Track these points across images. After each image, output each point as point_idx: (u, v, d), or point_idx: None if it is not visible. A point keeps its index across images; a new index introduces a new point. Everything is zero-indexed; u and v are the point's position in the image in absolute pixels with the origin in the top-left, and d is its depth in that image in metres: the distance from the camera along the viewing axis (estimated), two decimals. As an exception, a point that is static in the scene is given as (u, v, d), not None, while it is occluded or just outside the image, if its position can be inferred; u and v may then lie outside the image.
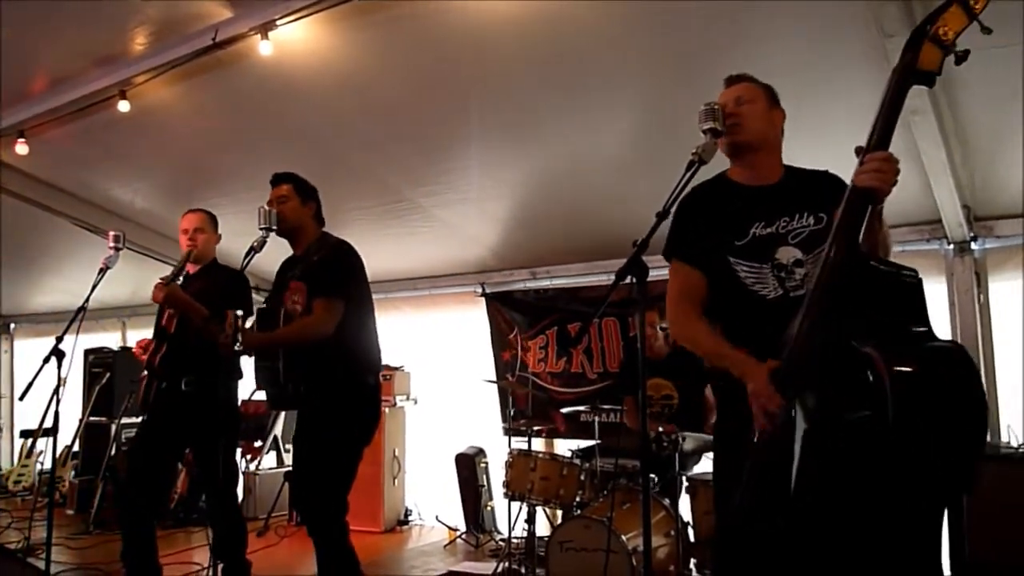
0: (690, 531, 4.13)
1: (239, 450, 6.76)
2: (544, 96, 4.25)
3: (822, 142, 2.38)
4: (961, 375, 1.69)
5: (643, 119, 4.32)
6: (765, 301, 2.17)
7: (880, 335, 1.72)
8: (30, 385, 3.61)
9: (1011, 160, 3.92)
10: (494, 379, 6.13)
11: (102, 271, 3.75)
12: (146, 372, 3.88)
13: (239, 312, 3.21)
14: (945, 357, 1.75)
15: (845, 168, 2.40)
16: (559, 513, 4.93)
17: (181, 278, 3.83)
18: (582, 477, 4.38)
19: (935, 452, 1.65)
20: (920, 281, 1.83)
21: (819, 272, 1.87)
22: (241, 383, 4.05)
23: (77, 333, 3.65)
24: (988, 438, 3.98)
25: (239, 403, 4.07)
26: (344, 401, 3.29)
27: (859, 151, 1.87)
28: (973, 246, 4.51)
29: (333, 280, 3.31)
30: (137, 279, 7.15)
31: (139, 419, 4.50)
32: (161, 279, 3.71)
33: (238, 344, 3.15)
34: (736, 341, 2.13)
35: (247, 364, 3.92)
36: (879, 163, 1.83)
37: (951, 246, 4.54)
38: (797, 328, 1.87)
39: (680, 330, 2.36)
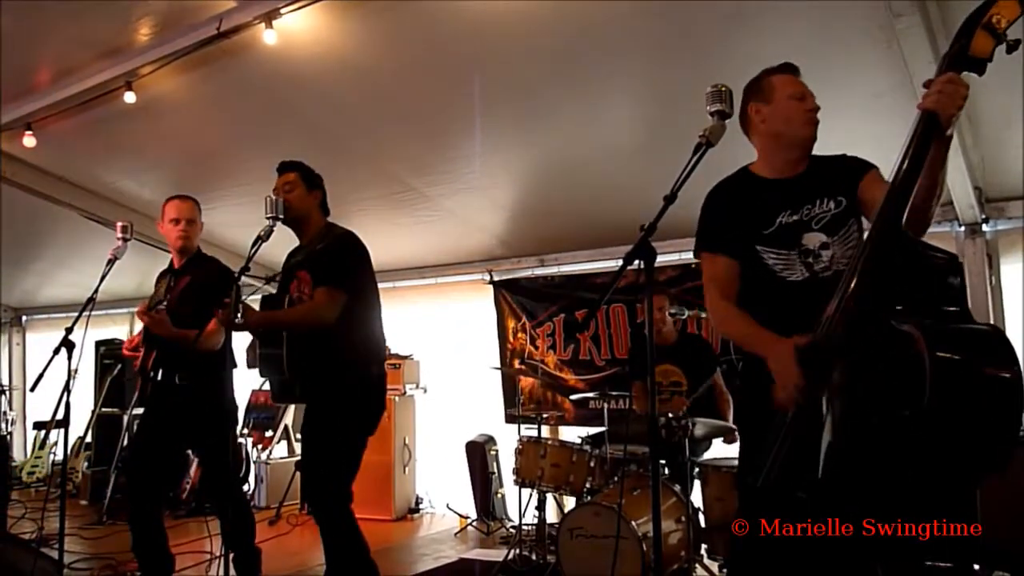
0: (701, 517, 4.12)
1: (250, 440, 6.82)
2: (549, 83, 4.22)
3: (830, 124, 2.36)
4: (1000, 357, 1.70)
5: (649, 103, 4.30)
6: (793, 284, 2.23)
7: (919, 314, 1.74)
8: (40, 376, 3.61)
9: (1021, 142, 3.88)
10: (505, 369, 6.15)
11: (111, 262, 3.74)
12: (140, 375, 3.90)
13: (238, 285, 3.20)
14: (984, 338, 1.77)
15: (854, 152, 2.40)
16: (570, 500, 4.94)
17: (165, 301, 3.81)
18: (592, 464, 4.38)
19: (971, 431, 1.67)
20: (960, 265, 1.86)
21: (880, 209, 1.90)
22: (236, 373, 4.03)
23: (87, 325, 3.65)
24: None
25: (235, 395, 4.03)
26: (348, 391, 3.28)
27: (927, 84, 1.90)
28: (984, 228, 4.47)
29: (336, 270, 3.30)
30: (145, 270, 7.16)
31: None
32: (148, 308, 3.73)
33: (239, 317, 3.13)
34: (765, 324, 2.19)
35: (241, 355, 3.95)
36: (941, 85, 1.84)
37: (962, 228, 4.51)
38: (838, 297, 1.91)
39: (716, 318, 2.46)
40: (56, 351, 3.60)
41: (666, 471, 4.23)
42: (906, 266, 1.84)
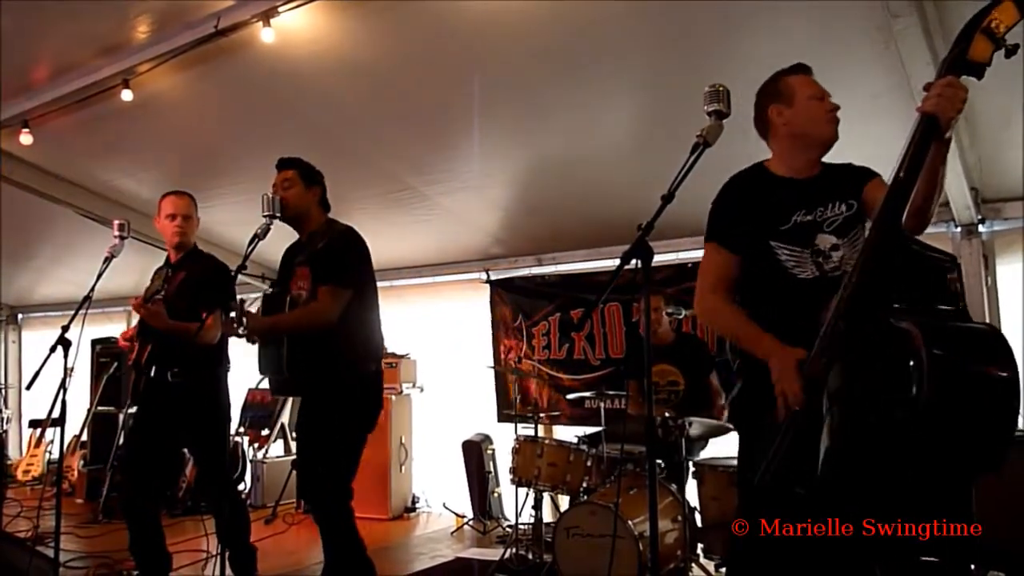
0: (697, 516, 4.13)
1: (246, 438, 6.81)
2: (546, 83, 4.22)
3: (828, 125, 2.37)
4: (997, 355, 1.71)
5: (646, 103, 4.30)
6: (803, 282, 2.25)
7: (917, 312, 1.75)
8: (36, 374, 3.61)
9: (1018, 142, 3.88)
10: (498, 367, 6.15)
11: (107, 260, 3.73)
12: (134, 370, 3.90)
13: (241, 297, 3.22)
14: (982, 337, 1.79)
15: (851, 153, 2.41)
16: (566, 499, 4.94)
17: (162, 293, 3.83)
18: (588, 463, 4.39)
19: (967, 429, 1.68)
20: (958, 266, 1.91)
21: (879, 211, 1.92)
22: (231, 373, 4.03)
23: (83, 323, 3.65)
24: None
25: (228, 393, 4.03)
26: (346, 388, 3.28)
27: (927, 87, 1.92)
28: (980, 228, 4.48)
29: (338, 268, 3.29)
30: (142, 269, 7.12)
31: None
32: (142, 299, 3.75)
33: (243, 328, 3.15)
34: (774, 320, 2.20)
35: (237, 354, 3.94)
36: (941, 88, 1.87)
37: (958, 229, 4.51)
38: (838, 297, 1.92)
39: (703, 308, 2.46)
40: (52, 349, 3.59)
41: (663, 470, 4.23)
42: (904, 265, 1.85)
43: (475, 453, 6.01)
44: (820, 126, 2.33)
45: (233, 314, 3.14)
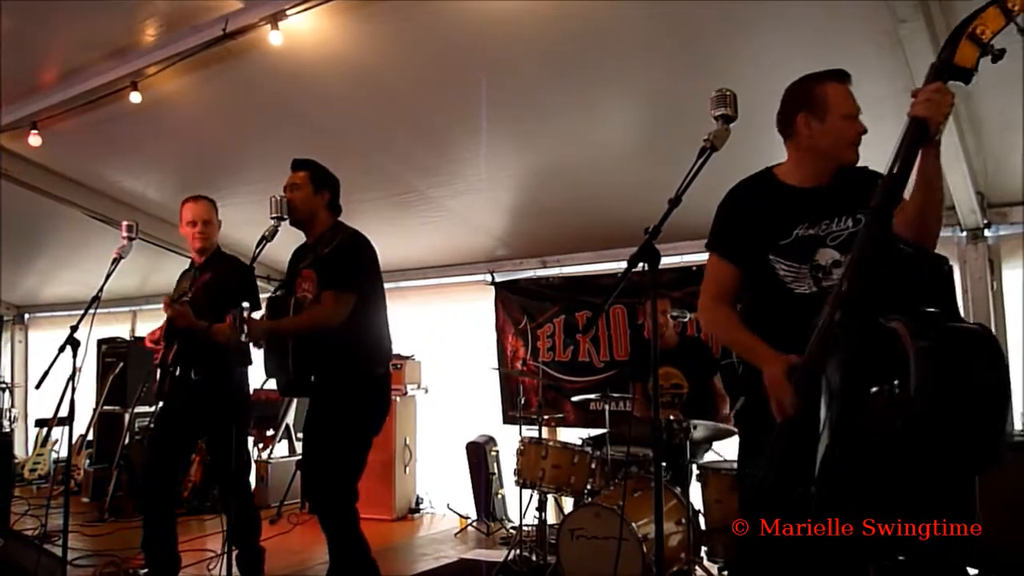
0: (701, 519, 4.13)
1: (251, 438, 6.83)
2: (552, 86, 4.24)
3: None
4: (986, 354, 1.72)
5: (652, 106, 4.31)
6: (800, 297, 2.22)
7: (906, 313, 1.75)
8: (46, 374, 3.63)
9: (1024, 146, 3.90)
10: (502, 369, 6.16)
11: (115, 261, 3.76)
12: (160, 369, 3.92)
13: (244, 304, 3.23)
14: (968, 335, 1.78)
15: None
16: (569, 501, 4.95)
17: (189, 294, 3.87)
18: (593, 465, 4.39)
19: (957, 426, 1.67)
20: (950, 268, 1.89)
21: (867, 216, 1.93)
22: (251, 370, 4.05)
23: (91, 323, 3.67)
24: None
25: (250, 391, 4.06)
26: (354, 390, 3.30)
27: (914, 93, 1.94)
28: (986, 233, 4.49)
29: (344, 272, 3.30)
30: (147, 270, 7.19)
31: (153, 408, 4.54)
32: (172, 299, 3.81)
33: (243, 336, 3.16)
34: (769, 334, 2.18)
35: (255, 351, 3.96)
36: (930, 93, 1.88)
37: (964, 233, 4.52)
38: (832, 298, 1.92)
39: (706, 318, 2.48)
40: (61, 349, 3.61)
41: (667, 473, 4.23)
42: (895, 266, 1.86)
43: (479, 454, 6.02)
44: (844, 150, 2.26)
45: (233, 320, 3.16)
